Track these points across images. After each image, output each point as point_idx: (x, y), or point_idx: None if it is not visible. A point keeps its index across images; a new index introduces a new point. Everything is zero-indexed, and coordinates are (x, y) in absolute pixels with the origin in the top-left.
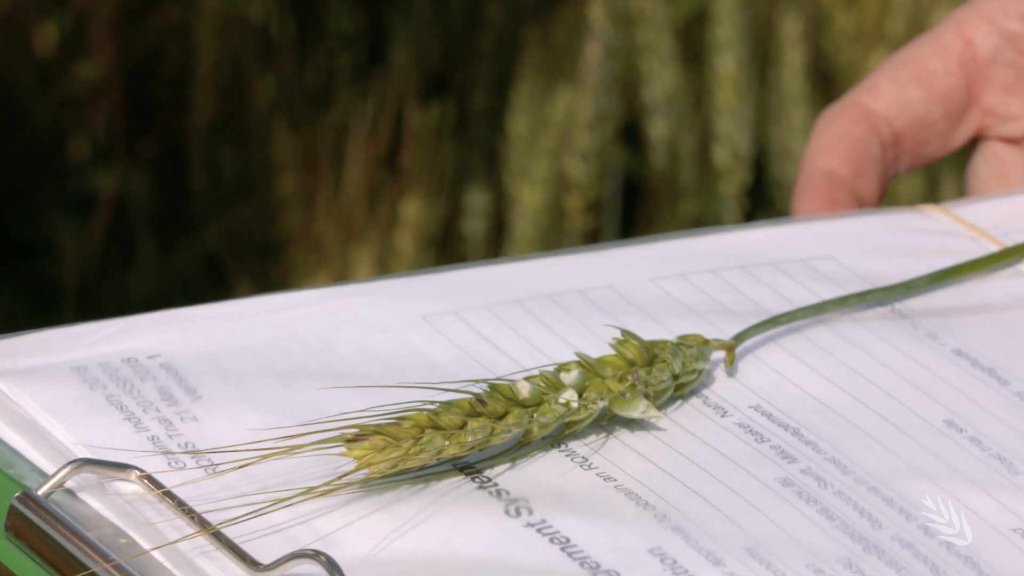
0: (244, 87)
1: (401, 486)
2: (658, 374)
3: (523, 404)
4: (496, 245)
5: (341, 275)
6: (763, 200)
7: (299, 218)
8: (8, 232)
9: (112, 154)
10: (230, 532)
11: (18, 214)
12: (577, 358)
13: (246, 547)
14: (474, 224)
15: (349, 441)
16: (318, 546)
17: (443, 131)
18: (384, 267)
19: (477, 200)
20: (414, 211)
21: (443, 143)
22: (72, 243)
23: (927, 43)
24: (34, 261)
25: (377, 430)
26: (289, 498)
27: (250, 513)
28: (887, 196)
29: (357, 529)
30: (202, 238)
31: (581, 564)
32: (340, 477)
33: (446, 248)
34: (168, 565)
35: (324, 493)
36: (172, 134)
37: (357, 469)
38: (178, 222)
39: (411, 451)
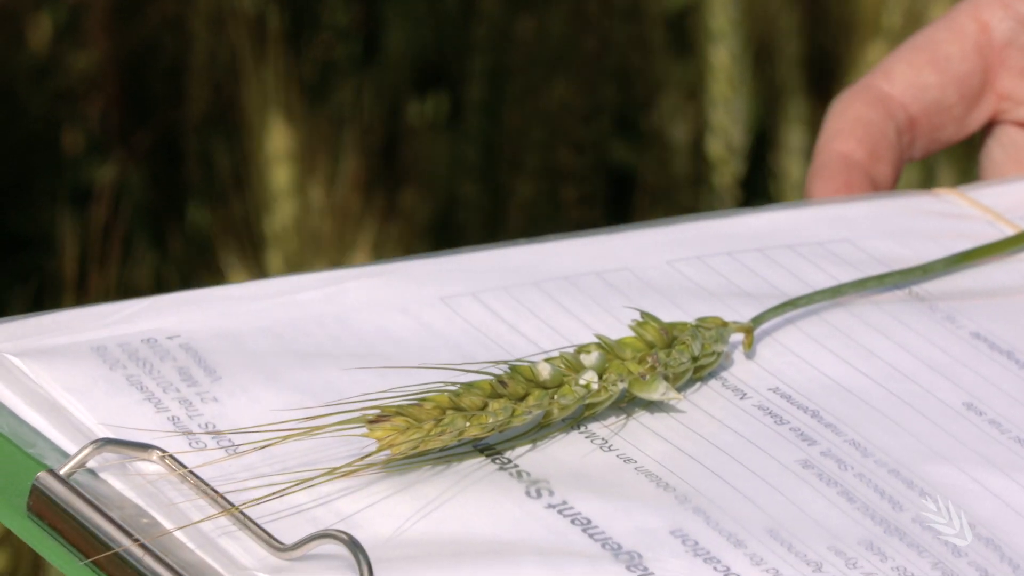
0: (239, 79)
1: (422, 467)
2: (677, 356)
3: (543, 386)
4: (492, 237)
5: (337, 266)
6: (757, 191)
7: (295, 210)
8: (4, 226)
9: (107, 147)
10: (252, 512)
11: (13, 207)
12: (597, 340)
13: (268, 527)
14: (469, 216)
15: (371, 422)
16: (340, 527)
17: (438, 123)
18: (380, 258)
19: (471, 192)
20: (410, 203)
21: (438, 135)
22: (68, 236)
23: (943, 27)
24: (30, 254)
25: (399, 411)
26: (311, 479)
27: (273, 494)
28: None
29: (379, 510)
30: (198, 230)
31: (603, 545)
32: (362, 458)
33: (442, 240)
34: (190, 545)
35: (346, 474)
36: (167, 126)
37: (379, 450)
38: (174, 214)
39: (432, 432)
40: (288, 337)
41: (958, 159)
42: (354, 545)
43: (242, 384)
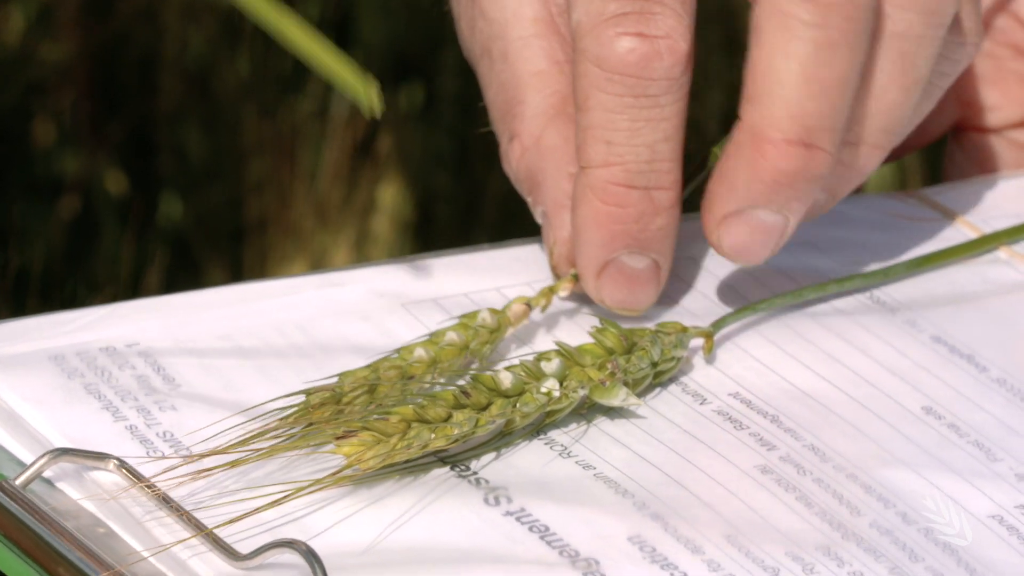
0: (212, 71)
1: (385, 479)
2: (637, 362)
3: (506, 394)
4: (467, 231)
5: (318, 260)
6: None
7: (272, 203)
8: None
9: (79, 139)
10: (209, 522)
11: None
12: (557, 347)
13: (224, 536)
14: (444, 209)
15: (338, 438)
16: (298, 536)
17: (412, 116)
18: (361, 252)
19: (446, 184)
20: (391, 197)
21: (414, 128)
22: (38, 228)
23: None
24: (10, 251)
25: (365, 426)
26: (278, 498)
27: (243, 515)
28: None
29: (338, 521)
30: (171, 223)
31: (560, 552)
32: (332, 474)
33: (422, 233)
34: (146, 555)
35: (313, 491)
36: (140, 118)
37: (348, 466)
38: (146, 207)
39: (399, 446)
40: (248, 345)
41: (929, 157)
42: (310, 554)
43: (200, 393)
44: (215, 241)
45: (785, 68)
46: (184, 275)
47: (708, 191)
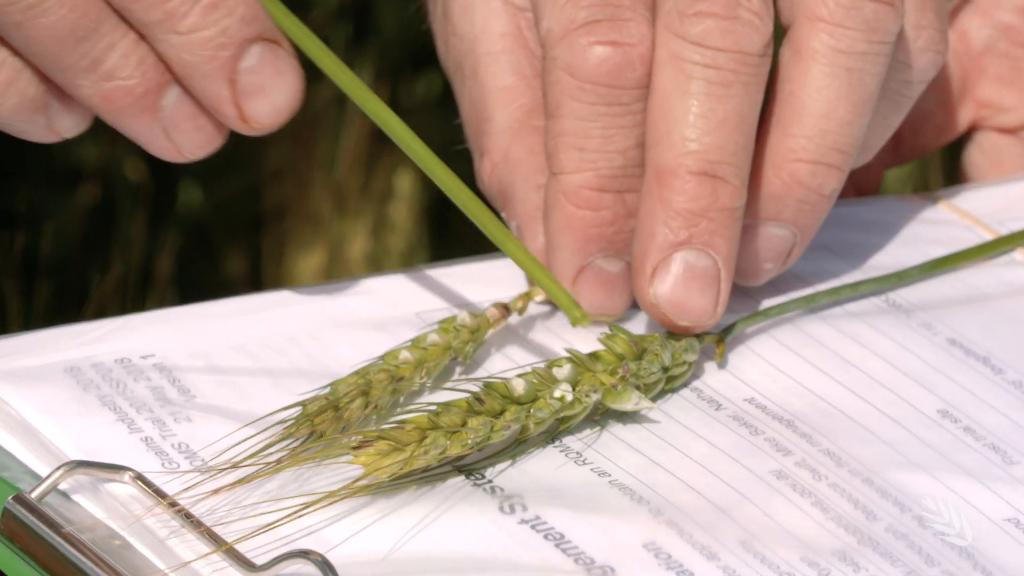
0: None
1: (403, 489)
2: (648, 366)
3: (519, 401)
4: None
5: (336, 247)
6: None
7: (290, 190)
8: None
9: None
10: (225, 533)
11: (3, 187)
12: (568, 354)
13: (239, 546)
14: None
15: (355, 448)
16: (312, 546)
17: (434, 102)
18: (379, 239)
19: (462, 172)
20: (409, 183)
21: (430, 116)
22: (58, 216)
23: None
24: (20, 234)
25: (381, 435)
26: (294, 510)
27: (262, 528)
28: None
29: (353, 530)
30: (190, 210)
31: (576, 560)
32: (349, 484)
33: (439, 221)
34: (162, 566)
35: (330, 503)
36: None
37: (365, 475)
38: (165, 195)
39: (416, 453)
40: (262, 356)
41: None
42: (325, 565)
43: (215, 404)
44: (234, 228)
45: (681, 107)
46: (203, 262)
47: (632, 256)
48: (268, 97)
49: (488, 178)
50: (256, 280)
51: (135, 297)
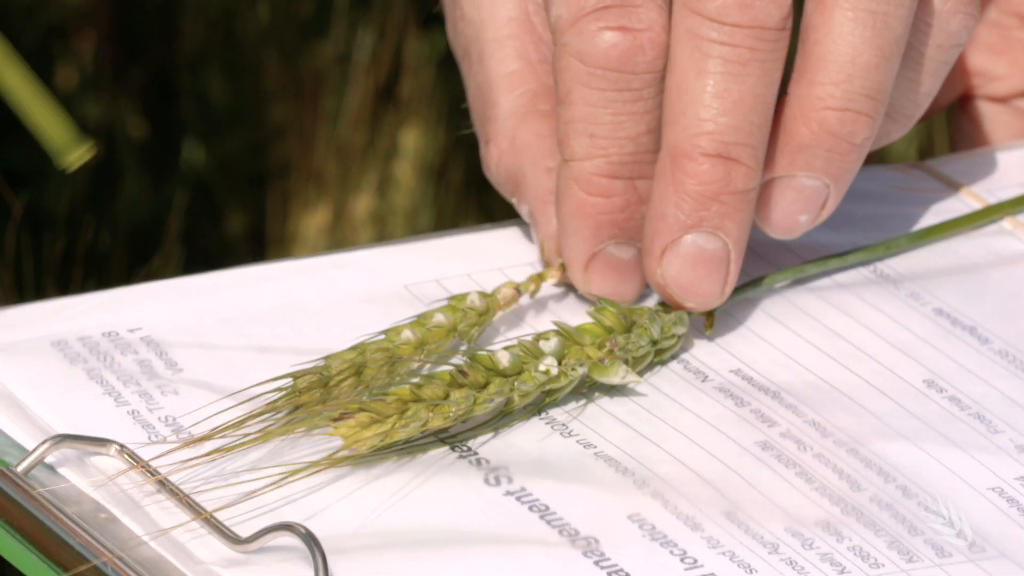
0: (234, 16)
1: (383, 460)
2: (636, 340)
3: (503, 373)
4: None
5: (340, 205)
6: None
7: (294, 148)
8: None
9: (100, 84)
10: (209, 507)
11: (7, 144)
12: (555, 326)
13: (225, 518)
14: (466, 155)
15: (335, 419)
16: (299, 520)
17: (439, 61)
18: (383, 197)
19: (467, 130)
20: (413, 141)
21: (440, 73)
22: (59, 173)
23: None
24: (24, 192)
25: (362, 407)
26: (276, 480)
27: (245, 495)
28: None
29: (338, 503)
30: (193, 168)
31: (560, 532)
32: (328, 456)
33: (444, 178)
34: (146, 539)
35: (311, 473)
36: (161, 63)
37: (345, 447)
38: (168, 152)
39: (397, 425)
40: (250, 330)
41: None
42: (309, 537)
43: (203, 377)
44: (237, 186)
45: (698, 86)
46: (206, 220)
47: (644, 235)
48: None
49: (495, 165)
50: (260, 238)
51: (142, 254)
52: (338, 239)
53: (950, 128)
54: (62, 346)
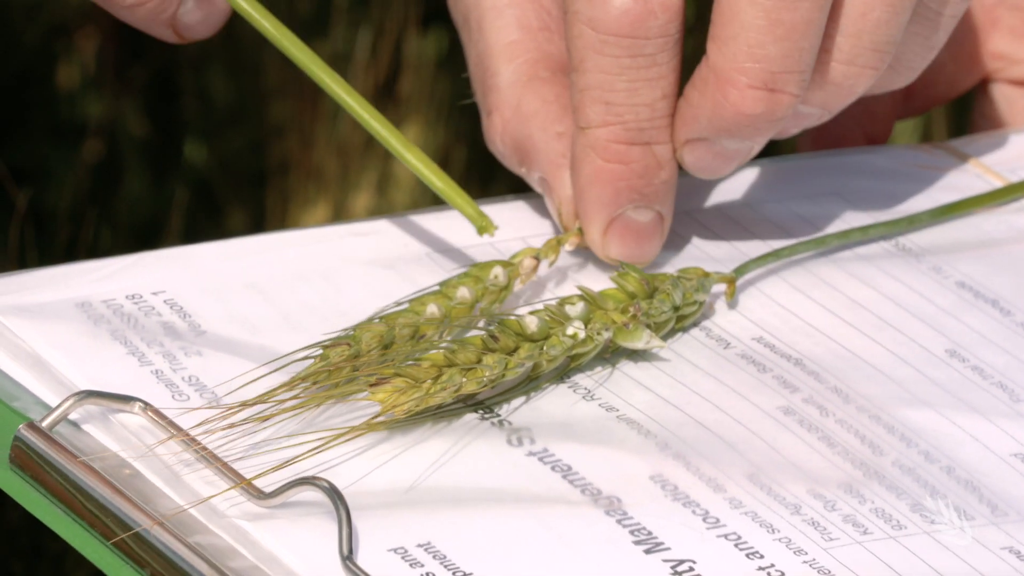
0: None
1: (419, 425)
2: (659, 305)
3: (532, 338)
4: (488, 172)
5: (339, 203)
6: None
7: (294, 146)
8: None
9: (102, 82)
10: (241, 470)
11: (8, 142)
12: (580, 291)
13: (248, 475)
14: (469, 153)
15: (372, 385)
16: (319, 472)
17: (439, 59)
18: (383, 195)
19: (468, 128)
20: (413, 139)
21: (439, 70)
22: (62, 171)
23: None
24: (26, 189)
25: (398, 372)
26: (312, 447)
27: (276, 467)
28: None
29: (364, 464)
30: (194, 166)
31: (582, 491)
32: (367, 421)
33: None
34: (171, 494)
35: (348, 439)
36: (163, 62)
37: (383, 412)
38: (169, 150)
39: (432, 390)
40: (273, 294)
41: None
42: (333, 491)
43: (226, 339)
44: (238, 184)
45: (750, 13)
46: (207, 218)
47: (673, 126)
48: None
49: (500, 135)
50: None
51: (143, 250)
52: None
53: (972, 111)
54: (86, 307)
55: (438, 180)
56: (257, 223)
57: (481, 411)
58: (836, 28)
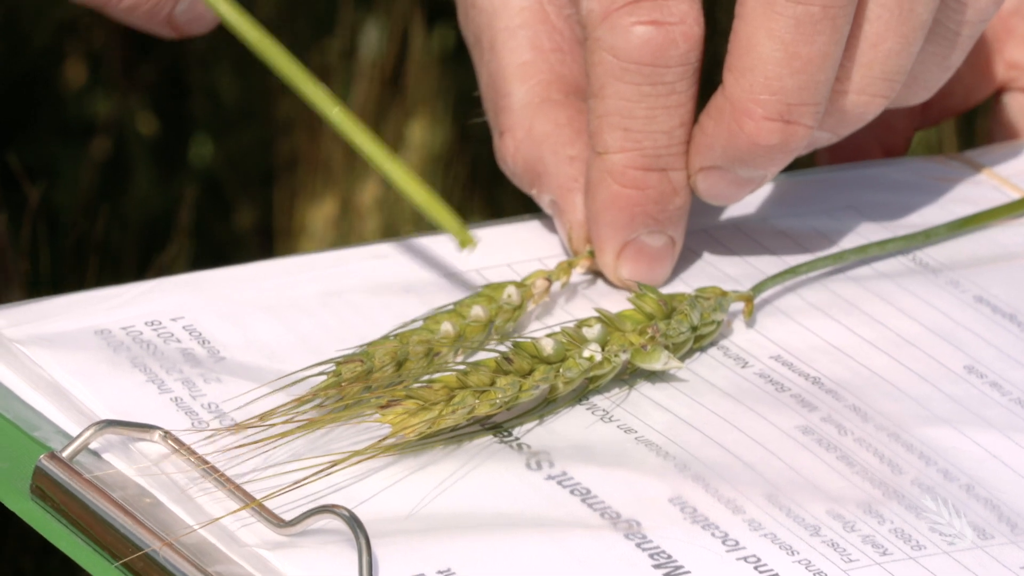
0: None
1: (430, 448)
2: (677, 326)
3: (548, 360)
4: (495, 168)
5: (347, 199)
6: None
7: (302, 142)
8: (6, 159)
9: (110, 80)
10: (254, 492)
11: (16, 140)
12: (597, 313)
13: (269, 503)
14: (477, 149)
15: (382, 407)
16: (338, 502)
17: (445, 54)
18: (391, 191)
19: (476, 125)
20: (420, 134)
21: (447, 66)
22: (71, 170)
23: None
24: (35, 187)
25: (409, 394)
26: (322, 468)
27: (291, 486)
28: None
29: (380, 487)
30: (202, 163)
31: (602, 514)
32: (376, 443)
33: (450, 171)
34: (191, 523)
35: (357, 461)
36: (171, 60)
37: (393, 434)
38: (177, 148)
39: (444, 412)
40: (291, 318)
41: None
42: (353, 520)
43: (245, 364)
44: (246, 181)
45: (767, 46)
46: (216, 215)
47: (688, 152)
48: None
49: (512, 157)
50: (268, 232)
51: (153, 246)
52: (344, 231)
53: (989, 120)
54: (105, 335)
55: (419, 194)
56: (266, 219)
57: (499, 434)
58: (848, 58)
